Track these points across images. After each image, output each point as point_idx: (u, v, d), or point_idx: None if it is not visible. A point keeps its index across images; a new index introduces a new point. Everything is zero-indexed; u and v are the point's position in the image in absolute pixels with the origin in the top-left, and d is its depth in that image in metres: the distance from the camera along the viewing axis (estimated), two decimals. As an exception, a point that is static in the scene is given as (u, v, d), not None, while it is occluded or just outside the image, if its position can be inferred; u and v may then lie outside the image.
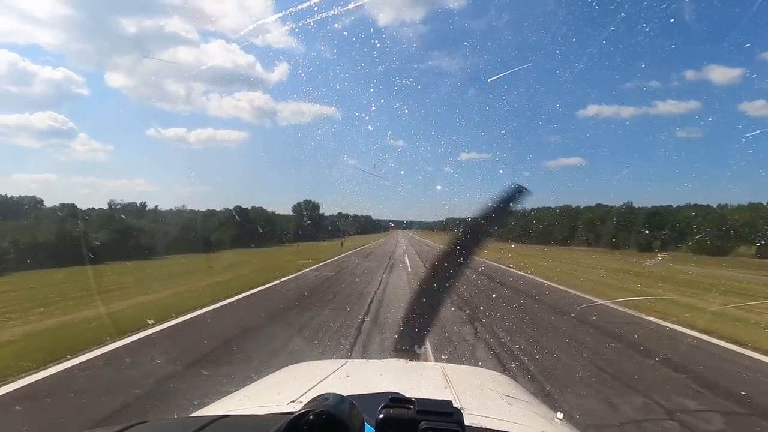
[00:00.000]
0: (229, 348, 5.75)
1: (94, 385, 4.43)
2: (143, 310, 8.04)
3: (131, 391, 4.17)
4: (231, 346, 5.80)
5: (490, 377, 1.92)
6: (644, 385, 4.63)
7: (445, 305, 8.30)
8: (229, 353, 5.51)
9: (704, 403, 4.24)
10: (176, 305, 8.26)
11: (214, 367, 4.91)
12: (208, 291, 10.82)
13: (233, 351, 5.60)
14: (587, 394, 4.38)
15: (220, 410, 1.10)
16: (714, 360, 5.73)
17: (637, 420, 3.82)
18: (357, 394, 0.97)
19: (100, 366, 5.03)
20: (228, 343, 6.00)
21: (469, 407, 1.11)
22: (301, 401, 1.09)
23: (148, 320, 6.90)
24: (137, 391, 4.19)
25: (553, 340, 6.48)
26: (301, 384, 1.36)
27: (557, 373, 4.99)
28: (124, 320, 7.15)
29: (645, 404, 4.15)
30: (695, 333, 6.97)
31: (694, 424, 3.77)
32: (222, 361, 5.17)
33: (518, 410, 1.28)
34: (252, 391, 1.47)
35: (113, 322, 7.17)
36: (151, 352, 5.60)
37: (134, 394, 4.13)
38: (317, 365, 2.05)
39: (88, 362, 5.14)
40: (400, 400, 0.70)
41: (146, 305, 8.69)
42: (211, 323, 7.42)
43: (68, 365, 5.01)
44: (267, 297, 10.26)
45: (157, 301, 9.35)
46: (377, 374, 1.70)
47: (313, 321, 7.44)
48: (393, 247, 35.99)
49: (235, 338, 6.24)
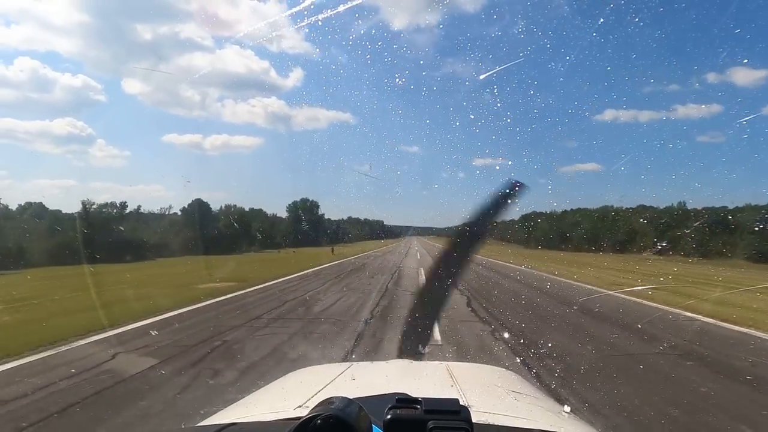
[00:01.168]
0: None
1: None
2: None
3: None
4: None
5: (496, 374, 1.92)
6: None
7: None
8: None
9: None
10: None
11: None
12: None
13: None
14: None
15: (226, 419, 1.09)
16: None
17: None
18: (363, 397, 0.97)
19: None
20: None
21: (476, 405, 1.11)
22: (307, 406, 1.09)
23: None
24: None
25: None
26: (307, 389, 1.35)
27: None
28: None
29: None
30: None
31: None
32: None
33: (525, 405, 1.28)
34: (258, 398, 1.46)
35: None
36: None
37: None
38: (322, 369, 2.04)
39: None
40: (407, 400, 0.70)
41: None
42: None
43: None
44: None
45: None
46: (383, 375, 1.70)
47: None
48: (401, 256, 29.15)
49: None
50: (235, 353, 5.86)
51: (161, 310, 8.80)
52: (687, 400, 4.42)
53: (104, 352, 5.94)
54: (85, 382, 4.76)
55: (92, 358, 5.61)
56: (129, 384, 4.72)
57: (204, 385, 4.66)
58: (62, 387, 4.62)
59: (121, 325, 7.50)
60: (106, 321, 7.58)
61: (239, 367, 5.22)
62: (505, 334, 7.17)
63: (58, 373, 5.03)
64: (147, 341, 6.56)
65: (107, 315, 8.06)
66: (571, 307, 9.99)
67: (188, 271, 18.45)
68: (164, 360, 5.53)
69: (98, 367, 5.27)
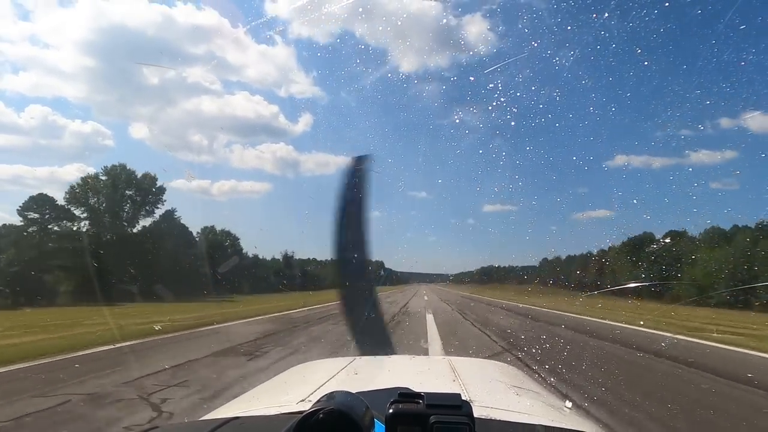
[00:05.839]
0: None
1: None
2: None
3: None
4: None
5: (498, 369, 1.92)
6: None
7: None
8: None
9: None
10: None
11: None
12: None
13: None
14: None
15: (230, 412, 1.10)
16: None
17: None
18: (366, 391, 0.97)
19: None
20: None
21: (477, 399, 1.11)
22: (310, 400, 1.10)
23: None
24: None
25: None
26: (310, 383, 1.36)
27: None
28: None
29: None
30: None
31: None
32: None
33: (527, 400, 1.28)
34: (261, 392, 1.47)
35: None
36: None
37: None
38: (325, 364, 2.05)
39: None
40: (409, 395, 0.70)
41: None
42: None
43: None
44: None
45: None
46: (385, 370, 1.70)
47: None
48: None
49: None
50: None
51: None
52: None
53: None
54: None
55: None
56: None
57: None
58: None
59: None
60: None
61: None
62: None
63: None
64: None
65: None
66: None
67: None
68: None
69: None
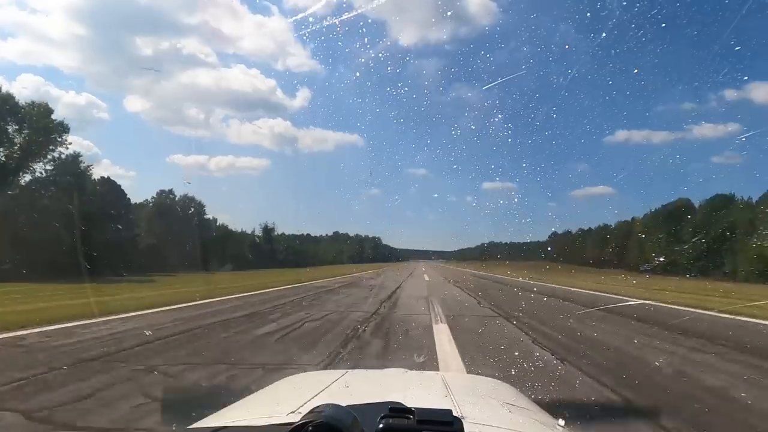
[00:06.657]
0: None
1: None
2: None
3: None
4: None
5: (491, 385, 1.91)
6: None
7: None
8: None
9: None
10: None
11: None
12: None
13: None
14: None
15: (218, 422, 1.09)
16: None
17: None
18: (356, 405, 0.96)
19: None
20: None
21: (469, 416, 1.10)
22: (300, 412, 1.08)
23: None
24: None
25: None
26: (301, 395, 1.35)
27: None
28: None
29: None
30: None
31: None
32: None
33: (519, 418, 1.27)
34: (251, 402, 1.45)
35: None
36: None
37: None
38: (317, 375, 2.03)
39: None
40: (400, 410, 0.69)
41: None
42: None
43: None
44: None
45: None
46: (377, 384, 1.69)
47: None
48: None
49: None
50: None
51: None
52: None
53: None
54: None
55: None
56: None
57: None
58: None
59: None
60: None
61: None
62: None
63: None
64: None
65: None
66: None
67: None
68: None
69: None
